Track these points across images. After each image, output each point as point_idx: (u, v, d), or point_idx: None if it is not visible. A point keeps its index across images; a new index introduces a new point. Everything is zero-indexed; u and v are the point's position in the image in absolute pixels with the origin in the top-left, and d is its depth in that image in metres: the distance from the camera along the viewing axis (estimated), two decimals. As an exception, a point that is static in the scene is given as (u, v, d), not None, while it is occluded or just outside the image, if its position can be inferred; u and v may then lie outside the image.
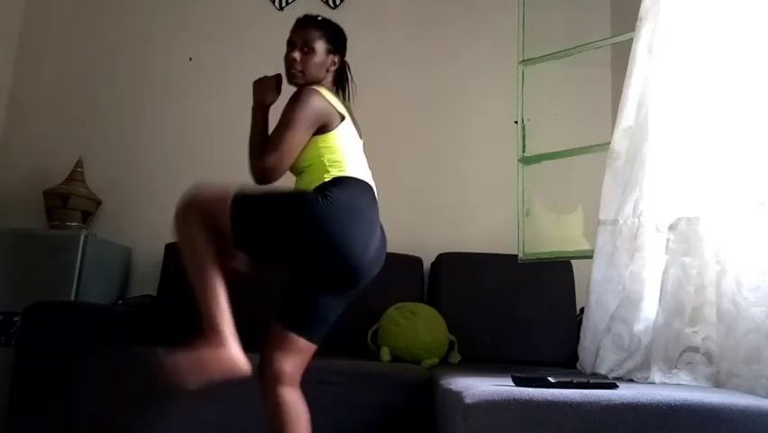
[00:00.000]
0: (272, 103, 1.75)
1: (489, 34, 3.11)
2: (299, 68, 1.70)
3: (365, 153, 1.76)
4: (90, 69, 3.12)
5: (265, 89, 1.74)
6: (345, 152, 1.65)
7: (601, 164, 2.02)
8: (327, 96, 1.66)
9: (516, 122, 2.40)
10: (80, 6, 3.18)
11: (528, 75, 2.42)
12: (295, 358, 1.57)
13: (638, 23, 1.97)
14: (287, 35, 1.76)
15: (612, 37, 2.44)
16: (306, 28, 1.73)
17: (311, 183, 1.61)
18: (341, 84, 1.81)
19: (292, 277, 1.62)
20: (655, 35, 1.91)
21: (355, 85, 1.83)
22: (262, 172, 1.59)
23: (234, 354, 1.46)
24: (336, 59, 1.75)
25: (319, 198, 1.54)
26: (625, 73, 1.99)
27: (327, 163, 1.62)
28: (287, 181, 1.67)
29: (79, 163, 2.86)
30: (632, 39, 1.99)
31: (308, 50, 1.70)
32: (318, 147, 1.63)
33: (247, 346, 1.50)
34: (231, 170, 2.88)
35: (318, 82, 1.71)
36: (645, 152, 1.85)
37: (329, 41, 1.73)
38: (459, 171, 3.04)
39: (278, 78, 1.75)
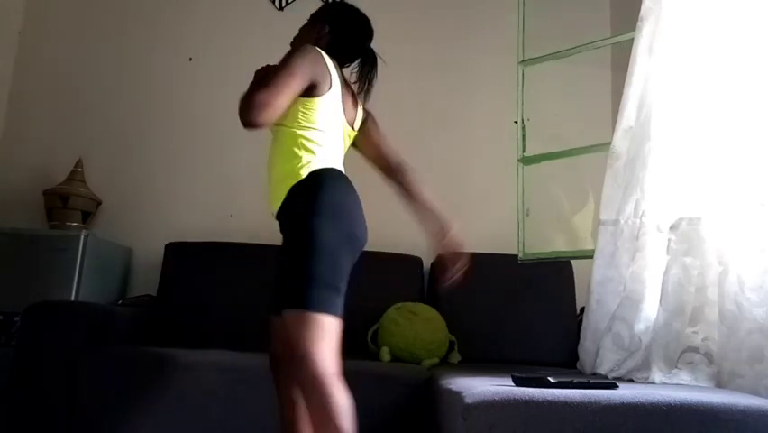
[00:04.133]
0: None
1: (489, 34, 3.11)
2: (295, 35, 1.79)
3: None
4: (90, 68, 3.12)
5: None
6: (322, 129, 1.59)
7: (601, 164, 2.02)
8: (326, 58, 1.62)
9: (516, 122, 2.40)
10: (80, 6, 3.18)
11: (528, 75, 2.42)
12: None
13: (639, 23, 1.96)
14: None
15: (612, 37, 2.44)
16: None
17: (284, 169, 1.56)
18: (364, 72, 1.79)
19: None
20: (656, 35, 1.91)
21: (378, 68, 1.81)
22: (253, 109, 1.42)
23: None
24: (327, 29, 1.75)
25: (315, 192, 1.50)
26: (625, 73, 1.98)
27: (301, 144, 1.55)
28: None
29: (79, 163, 2.86)
30: (632, 39, 1.99)
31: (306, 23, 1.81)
32: (297, 108, 1.56)
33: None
34: (231, 170, 2.93)
35: None
36: (647, 152, 1.84)
37: (318, 11, 1.82)
38: (459, 171, 3.04)
39: None
